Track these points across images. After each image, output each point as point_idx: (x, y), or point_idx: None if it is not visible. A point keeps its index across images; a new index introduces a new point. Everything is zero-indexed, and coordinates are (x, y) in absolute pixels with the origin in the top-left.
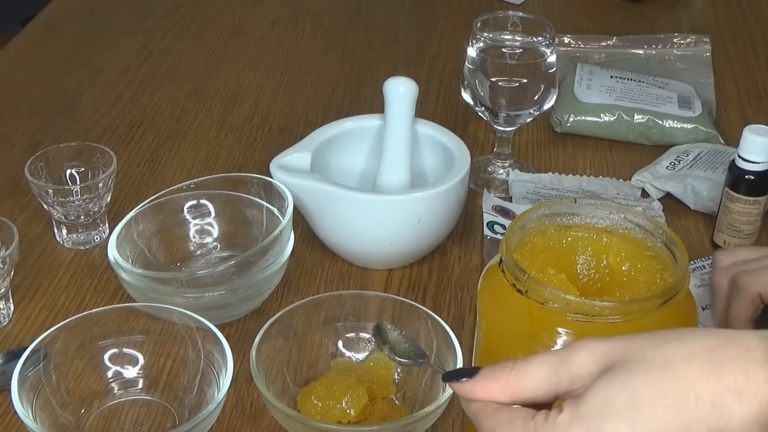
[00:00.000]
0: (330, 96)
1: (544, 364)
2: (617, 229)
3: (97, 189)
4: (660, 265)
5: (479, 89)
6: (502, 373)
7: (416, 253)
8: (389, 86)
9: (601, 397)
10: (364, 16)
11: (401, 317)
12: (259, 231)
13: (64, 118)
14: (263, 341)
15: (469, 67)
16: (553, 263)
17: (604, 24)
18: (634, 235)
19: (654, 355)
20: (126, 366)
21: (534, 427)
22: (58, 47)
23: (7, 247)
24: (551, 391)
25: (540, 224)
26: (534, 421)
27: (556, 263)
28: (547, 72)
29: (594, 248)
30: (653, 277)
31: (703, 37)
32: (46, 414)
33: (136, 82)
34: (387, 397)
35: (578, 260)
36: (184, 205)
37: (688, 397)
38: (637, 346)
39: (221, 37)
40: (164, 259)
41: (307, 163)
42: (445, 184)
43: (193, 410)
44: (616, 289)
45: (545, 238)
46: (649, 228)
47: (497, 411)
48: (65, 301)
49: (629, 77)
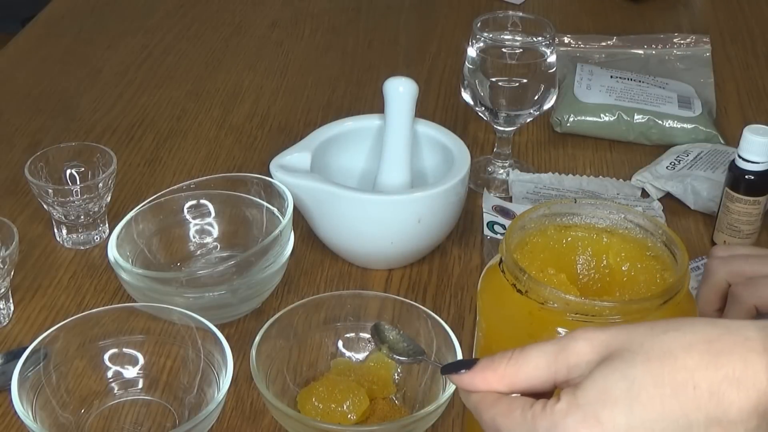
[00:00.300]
0: (330, 96)
1: (543, 353)
2: (617, 229)
3: (97, 189)
4: (660, 265)
5: (479, 89)
6: (500, 363)
7: (416, 253)
8: (389, 86)
9: (599, 385)
10: (364, 16)
11: (401, 317)
12: (259, 231)
13: (64, 118)
14: (263, 341)
15: (469, 67)
16: (553, 263)
17: (604, 24)
18: (634, 235)
19: (652, 345)
20: (126, 366)
21: (532, 416)
22: (58, 47)
23: (7, 247)
24: (549, 381)
25: (540, 224)
26: (532, 410)
27: (556, 263)
28: (547, 72)
29: (594, 248)
30: (653, 277)
31: (703, 37)
32: (46, 414)
33: (136, 82)
34: (387, 397)
35: (578, 260)
36: (184, 205)
37: (686, 386)
38: (636, 336)
39: (221, 37)
40: (164, 259)
41: (307, 163)
42: (445, 184)
43: (193, 410)
44: (616, 289)
45: (545, 238)
46: (649, 228)
47: (496, 401)
48: (65, 301)
49: (629, 77)
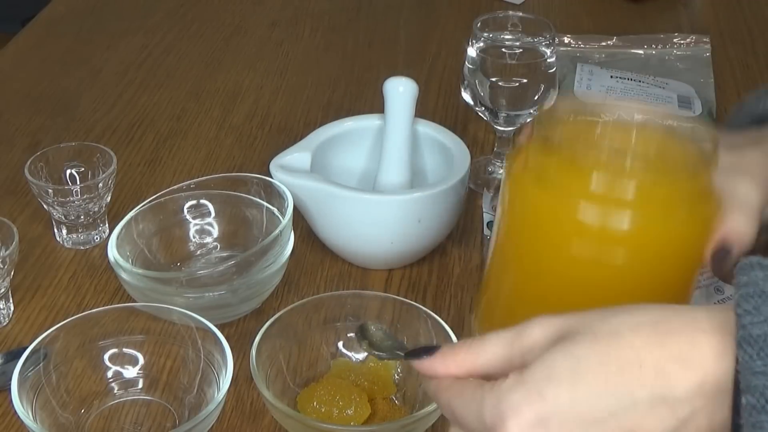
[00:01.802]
0: (330, 96)
1: (500, 340)
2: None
3: (97, 189)
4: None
5: (479, 89)
6: (460, 350)
7: (416, 253)
8: (389, 86)
9: (546, 364)
10: (364, 16)
11: (401, 317)
12: (259, 231)
13: (64, 118)
14: (263, 341)
15: (469, 67)
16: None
17: (604, 24)
18: (664, 128)
19: (601, 327)
20: (126, 366)
21: (481, 395)
22: (58, 47)
23: (7, 247)
24: (506, 368)
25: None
26: (482, 389)
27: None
28: (547, 72)
29: (623, 139)
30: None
31: (703, 37)
32: (46, 414)
33: (136, 82)
34: (387, 397)
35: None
36: (184, 205)
37: (631, 364)
38: (587, 320)
39: (221, 37)
40: (164, 259)
41: (307, 163)
42: (445, 184)
43: (193, 410)
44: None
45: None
46: (680, 124)
47: (451, 385)
48: (65, 301)
49: (629, 77)
